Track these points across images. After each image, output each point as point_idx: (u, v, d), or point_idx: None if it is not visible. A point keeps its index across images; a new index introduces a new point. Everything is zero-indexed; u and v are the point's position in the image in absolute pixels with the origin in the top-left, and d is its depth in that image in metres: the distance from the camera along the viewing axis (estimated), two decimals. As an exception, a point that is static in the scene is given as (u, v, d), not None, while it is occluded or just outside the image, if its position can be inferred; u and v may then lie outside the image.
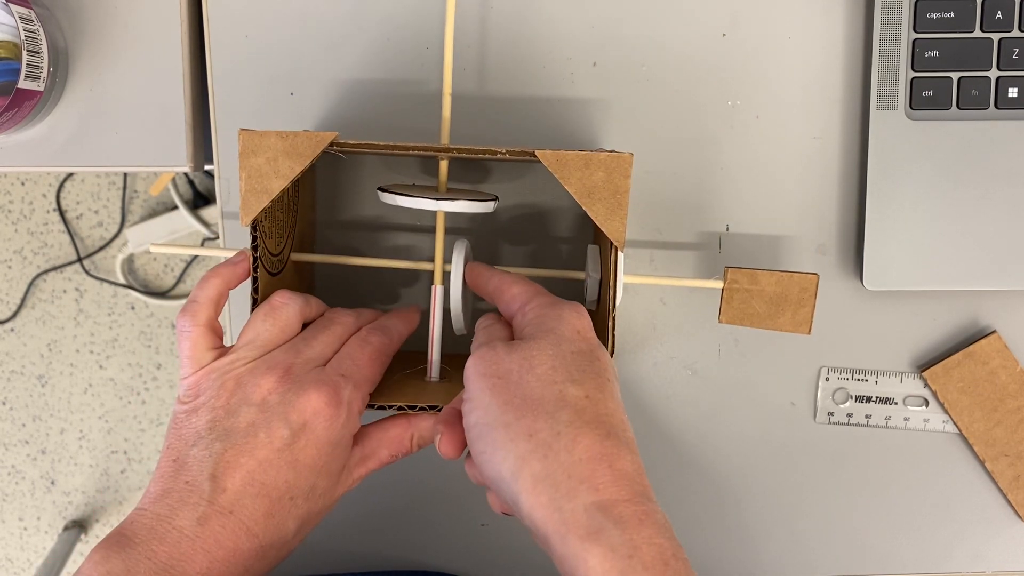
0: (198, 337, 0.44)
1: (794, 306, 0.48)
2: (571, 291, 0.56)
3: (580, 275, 0.52)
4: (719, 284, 0.48)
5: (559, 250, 0.55)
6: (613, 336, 0.44)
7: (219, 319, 0.45)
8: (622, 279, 0.46)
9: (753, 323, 0.48)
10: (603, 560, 0.33)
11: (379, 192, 0.48)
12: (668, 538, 0.35)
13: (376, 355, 0.46)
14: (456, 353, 0.54)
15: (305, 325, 0.47)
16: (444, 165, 0.50)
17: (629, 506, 0.35)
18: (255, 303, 0.44)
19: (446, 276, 0.49)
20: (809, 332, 0.48)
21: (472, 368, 0.40)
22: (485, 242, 0.55)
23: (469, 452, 0.40)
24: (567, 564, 0.34)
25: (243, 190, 0.43)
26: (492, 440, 0.37)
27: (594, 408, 0.37)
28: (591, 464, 0.35)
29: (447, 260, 0.49)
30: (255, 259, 0.44)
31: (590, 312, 0.53)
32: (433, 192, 0.49)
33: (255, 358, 0.43)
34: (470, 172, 0.55)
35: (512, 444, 0.36)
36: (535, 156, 0.43)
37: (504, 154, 0.43)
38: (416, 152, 0.45)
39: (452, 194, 0.49)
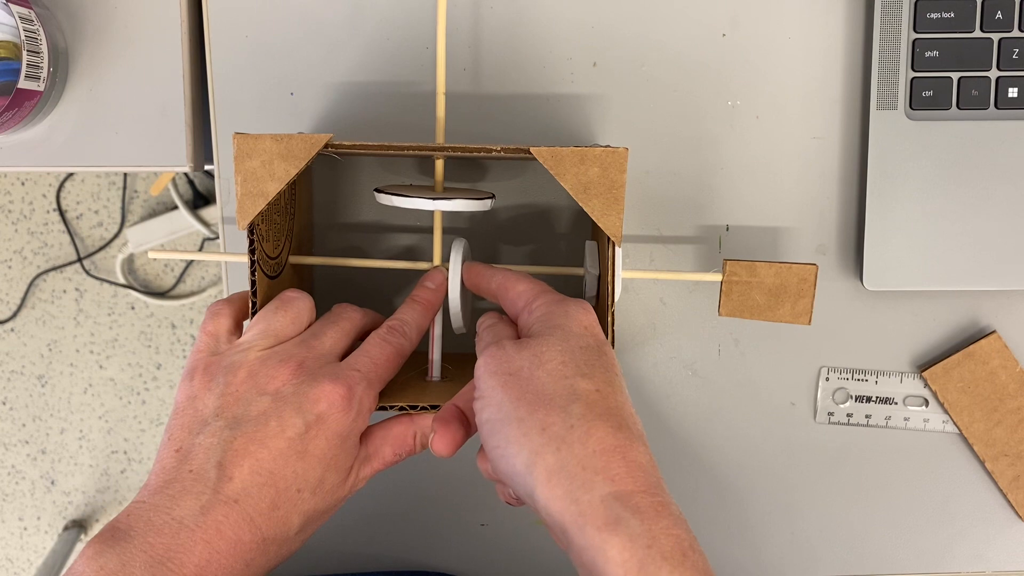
0: (226, 320, 0.45)
1: (793, 297, 0.48)
2: (571, 287, 0.56)
3: (579, 271, 0.52)
4: (718, 277, 0.48)
5: (558, 247, 0.55)
6: (612, 331, 0.45)
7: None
8: (620, 274, 0.46)
9: (753, 315, 0.48)
10: (622, 550, 0.33)
11: (375, 193, 0.48)
12: (685, 530, 0.35)
13: (394, 356, 0.46)
14: (457, 352, 0.54)
15: None
16: (440, 164, 0.50)
17: (645, 497, 0.35)
18: (254, 307, 0.44)
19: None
20: (809, 322, 0.48)
21: (483, 367, 0.40)
22: (484, 241, 0.55)
23: (482, 447, 0.40)
24: (586, 555, 0.34)
25: (239, 194, 0.43)
26: (505, 435, 0.37)
27: (605, 401, 0.38)
28: (605, 456, 0.35)
29: (445, 259, 0.49)
30: (253, 263, 0.44)
31: None
32: (430, 192, 0.49)
33: (268, 347, 0.43)
34: (467, 172, 0.55)
35: (526, 439, 0.36)
36: (530, 153, 0.43)
37: (499, 151, 0.44)
38: (411, 152, 0.45)
39: (449, 193, 0.49)
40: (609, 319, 0.45)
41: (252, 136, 0.43)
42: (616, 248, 0.44)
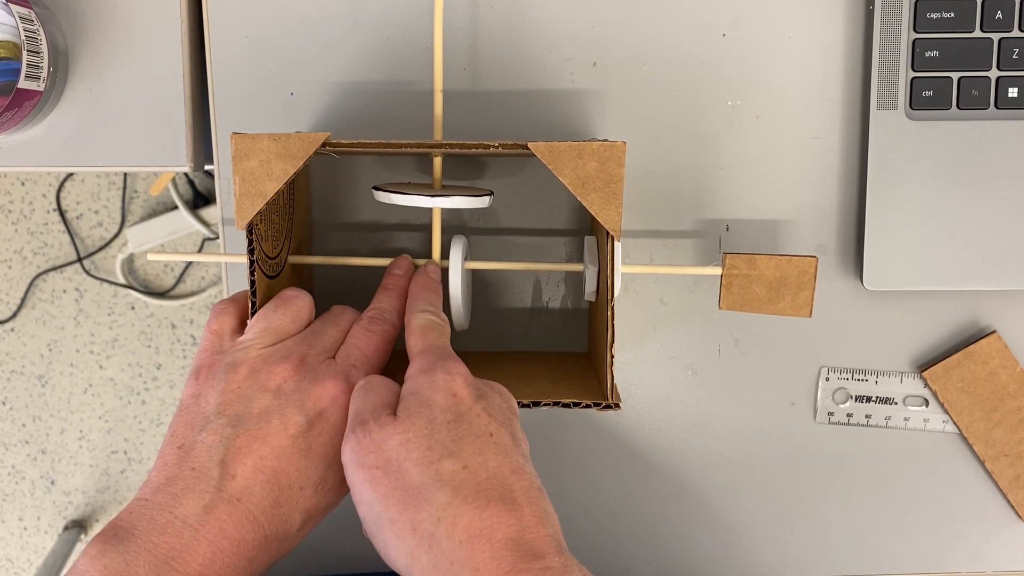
0: (230, 319, 0.45)
1: (794, 290, 0.48)
2: (571, 283, 0.56)
3: (579, 267, 0.52)
4: (718, 270, 0.48)
5: (558, 243, 0.55)
6: (612, 326, 0.44)
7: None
8: (620, 269, 0.46)
9: (753, 308, 0.48)
10: None
11: (374, 191, 0.48)
12: None
13: (381, 344, 0.46)
14: (459, 350, 0.54)
15: None
16: (438, 162, 0.50)
17: None
18: (254, 307, 0.44)
19: (444, 273, 0.49)
20: (810, 315, 0.48)
21: (349, 455, 0.39)
22: (483, 238, 0.55)
23: None
24: None
25: (237, 194, 0.43)
26: (383, 538, 0.37)
27: (473, 478, 0.36)
28: (470, 545, 0.35)
29: (444, 257, 0.49)
30: (252, 262, 0.44)
31: (590, 304, 0.54)
32: (428, 189, 0.49)
33: (268, 345, 0.43)
34: (466, 169, 0.55)
35: (400, 541, 0.36)
36: (528, 149, 0.43)
37: (497, 147, 0.43)
38: (408, 150, 0.44)
39: (447, 191, 0.49)
40: (609, 314, 0.44)
41: (250, 136, 0.43)
42: (615, 242, 0.44)
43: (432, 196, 0.47)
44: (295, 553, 0.43)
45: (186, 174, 1.35)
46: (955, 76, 0.52)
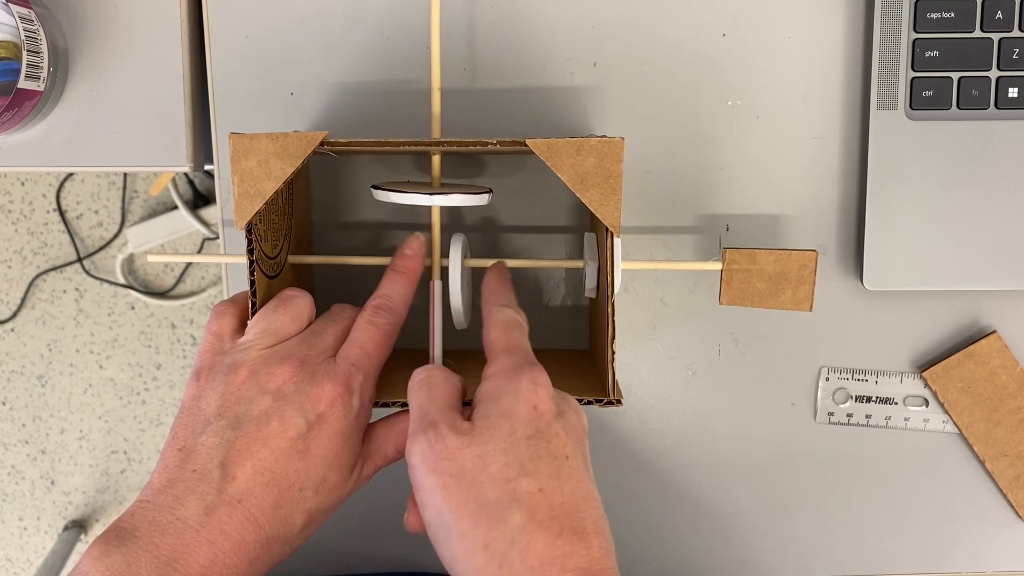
0: (230, 320, 0.45)
1: (794, 284, 0.48)
2: (571, 281, 0.56)
3: (579, 264, 0.52)
4: (718, 265, 0.48)
5: (558, 240, 0.55)
6: (613, 323, 0.44)
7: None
8: (619, 265, 0.46)
9: (754, 303, 0.48)
10: None
11: (372, 190, 0.48)
12: None
13: (382, 339, 0.45)
14: (458, 348, 0.54)
15: None
16: (436, 160, 0.50)
17: None
18: (254, 307, 0.44)
19: (444, 272, 0.49)
20: (811, 309, 0.48)
21: (419, 458, 0.38)
22: (483, 236, 0.55)
23: (409, 506, 0.41)
24: None
25: (236, 194, 0.43)
26: (450, 548, 0.37)
27: (548, 502, 0.36)
28: (543, 570, 0.35)
29: (443, 255, 0.49)
30: (251, 262, 0.44)
31: (590, 301, 0.54)
32: (427, 188, 0.49)
33: (268, 346, 0.43)
34: (465, 168, 0.55)
35: (469, 556, 0.36)
36: (526, 145, 0.43)
37: (495, 144, 0.43)
38: (407, 148, 0.44)
39: (446, 189, 0.49)
40: (609, 310, 0.44)
41: (248, 136, 0.43)
42: (615, 239, 0.44)
43: (431, 194, 0.47)
44: (296, 554, 0.43)
45: (186, 174, 1.35)
46: (955, 76, 0.52)
